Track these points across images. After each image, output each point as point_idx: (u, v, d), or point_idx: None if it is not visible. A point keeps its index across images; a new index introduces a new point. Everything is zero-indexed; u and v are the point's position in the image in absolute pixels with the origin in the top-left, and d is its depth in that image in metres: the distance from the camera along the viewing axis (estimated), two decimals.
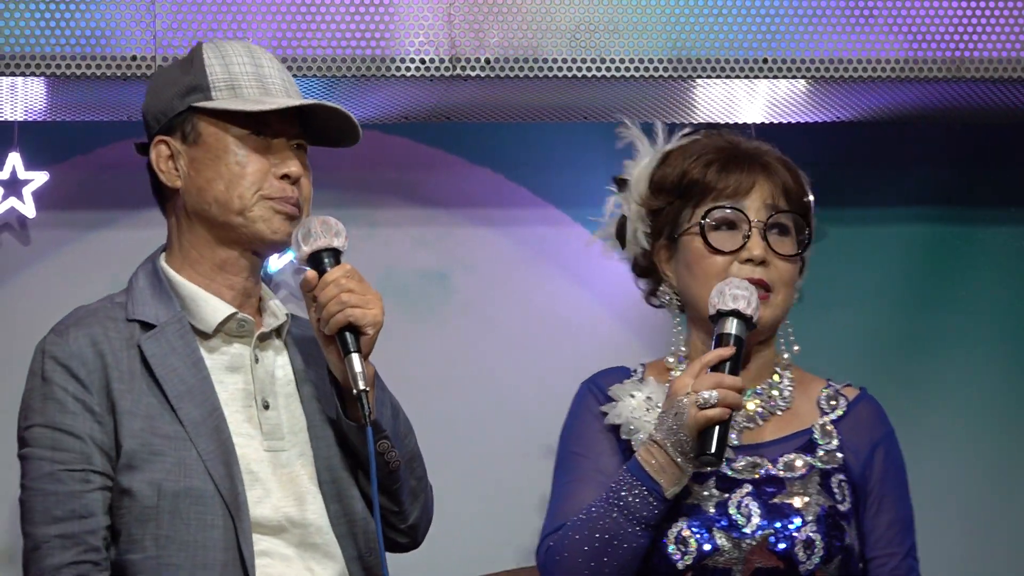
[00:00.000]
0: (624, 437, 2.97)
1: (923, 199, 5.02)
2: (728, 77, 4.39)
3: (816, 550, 2.92)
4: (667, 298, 3.07)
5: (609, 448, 3.02)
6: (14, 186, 4.65)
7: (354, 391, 2.75)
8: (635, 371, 3.08)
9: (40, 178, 4.63)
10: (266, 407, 2.85)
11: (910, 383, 4.94)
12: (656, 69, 4.36)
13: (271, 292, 2.94)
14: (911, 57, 4.39)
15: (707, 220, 2.99)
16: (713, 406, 2.86)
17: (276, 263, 4.54)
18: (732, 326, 2.91)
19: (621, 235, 3.18)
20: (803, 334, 4.68)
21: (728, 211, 3.01)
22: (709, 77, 4.40)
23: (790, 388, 3.07)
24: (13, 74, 4.26)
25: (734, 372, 2.88)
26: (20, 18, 4.20)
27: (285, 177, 2.84)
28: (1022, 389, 5.00)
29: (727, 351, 2.90)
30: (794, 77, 4.41)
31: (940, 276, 5.03)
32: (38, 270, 4.78)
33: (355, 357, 2.76)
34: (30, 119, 4.60)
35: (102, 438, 2.75)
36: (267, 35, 4.30)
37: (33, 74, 4.26)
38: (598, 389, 3.07)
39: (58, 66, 4.23)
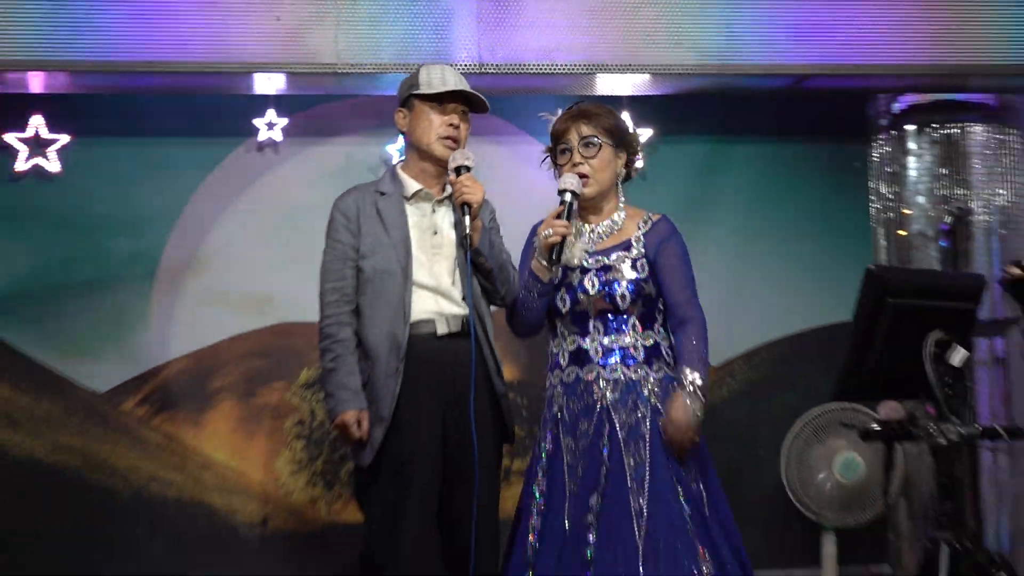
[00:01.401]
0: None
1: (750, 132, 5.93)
2: (610, 72, 5.35)
3: (627, 298, 3.66)
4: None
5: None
6: (272, 126, 5.82)
7: (462, 233, 3.61)
8: None
9: (283, 121, 5.82)
10: (434, 233, 3.68)
11: (746, 258, 5.91)
12: (571, 68, 5.30)
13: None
14: (694, 63, 5.47)
15: (555, 152, 3.76)
16: (550, 237, 3.66)
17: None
18: (565, 196, 3.75)
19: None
20: (687, 215, 5.48)
21: (562, 144, 3.78)
22: (601, 72, 5.35)
23: (623, 218, 3.80)
24: (263, 72, 5.32)
25: (567, 219, 3.67)
26: (256, 38, 5.11)
27: (451, 126, 3.65)
28: (827, 263, 5.96)
29: (560, 209, 3.72)
30: (643, 73, 5.44)
31: (773, 181, 6.02)
32: (284, 169, 5.86)
33: (466, 218, 3.59)
34: (288, 93, 5.65)
35: (354, 244, 3.57)
36: (391, 50, 5.13)
37: (274, 71, 5.31)
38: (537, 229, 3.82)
39: (283, 68, 5.27)
